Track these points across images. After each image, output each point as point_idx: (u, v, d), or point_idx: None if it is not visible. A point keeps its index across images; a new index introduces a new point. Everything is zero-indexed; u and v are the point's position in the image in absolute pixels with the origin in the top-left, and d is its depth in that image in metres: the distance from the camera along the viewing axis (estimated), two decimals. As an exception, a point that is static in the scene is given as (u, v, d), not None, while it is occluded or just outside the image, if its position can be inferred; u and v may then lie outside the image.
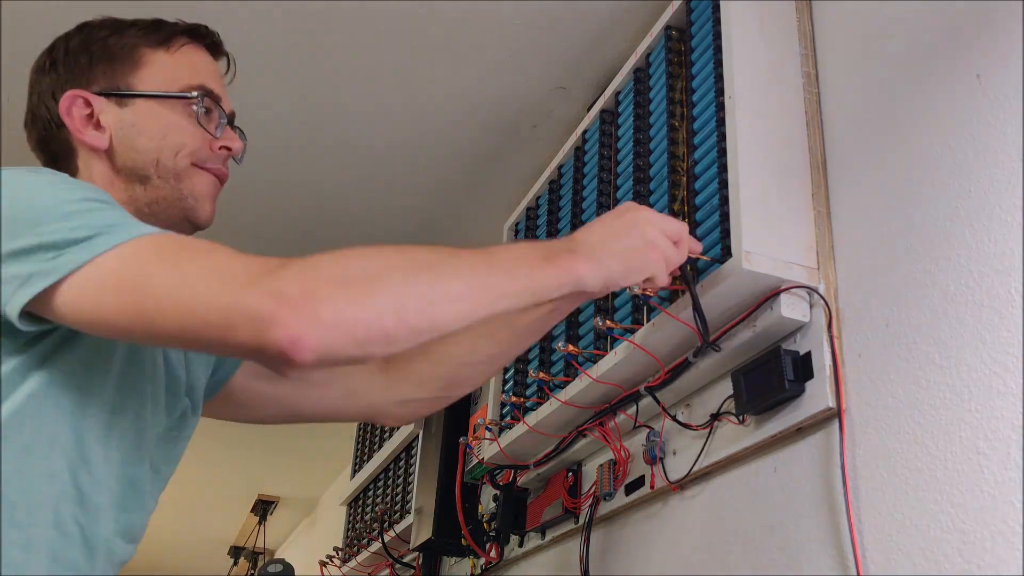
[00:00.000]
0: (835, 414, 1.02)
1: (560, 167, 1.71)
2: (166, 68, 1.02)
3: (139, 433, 0.96)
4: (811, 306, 1.08)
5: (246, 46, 1.68)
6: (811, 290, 1.07)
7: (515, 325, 1.12)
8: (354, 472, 2.86)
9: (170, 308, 0.77)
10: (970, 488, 0.85)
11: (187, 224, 1.04)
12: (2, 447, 0.83)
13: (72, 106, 0.99)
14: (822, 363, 1.04)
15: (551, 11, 1.56)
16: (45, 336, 0.87)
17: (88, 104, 1.00)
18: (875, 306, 1.02)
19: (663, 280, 0.98)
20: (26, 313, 0.81)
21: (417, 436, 2.25)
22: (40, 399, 0.86)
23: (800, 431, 1.07)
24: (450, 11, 1.58)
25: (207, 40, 1.07)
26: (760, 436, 1.10)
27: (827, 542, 0.99)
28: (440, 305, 0.82)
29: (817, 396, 1.03)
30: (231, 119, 1.08)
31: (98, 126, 1.00)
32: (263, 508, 4.65)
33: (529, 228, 1.79)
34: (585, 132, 1.61)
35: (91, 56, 1.01)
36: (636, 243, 0.94)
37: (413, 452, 2.30)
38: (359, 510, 2.73)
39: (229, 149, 1.05)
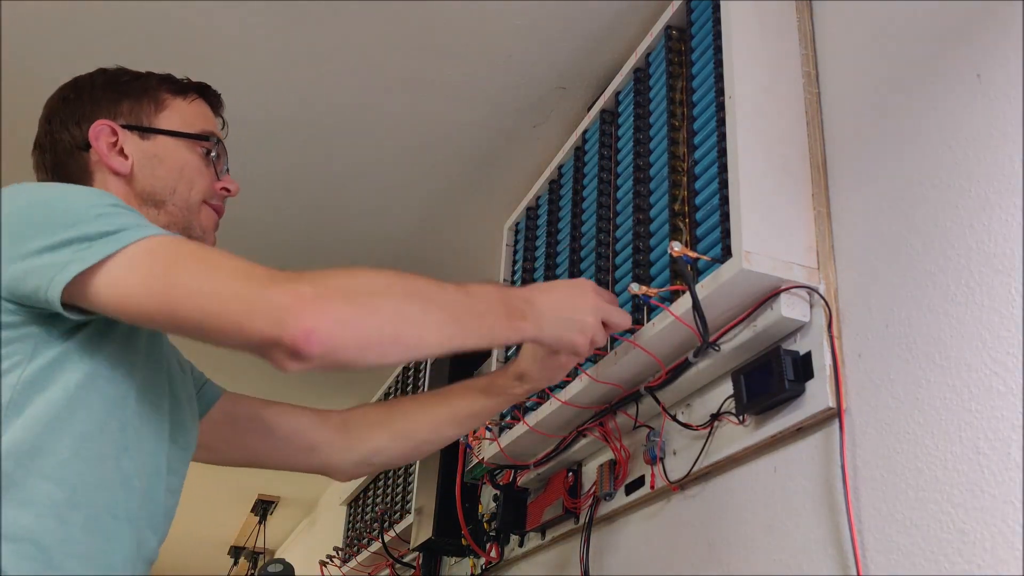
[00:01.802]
0: (835, 414, 1.02)
1: (560, 167, 1.71)
2: (184, 113, 1.15)
3: (161, 424, 1.03)
4: (811, 306, 1.08)
5: (246, 46, 1.69)
6: (811, 290, 1.07)
7: (465, 417, 1.32)
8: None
9: (196, 296, 0.86)
10: (970, 488, 0.85)
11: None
12: (62, 433, 0.90)
13: (100, 133, 1.10)
14: (822, 363, 1.04)
15: (551, 11, 1.56)
16: (84, 327, 0.94)
17: (114, 133, 1.11)
18: (875, 306, 1.02)
19: (583, 357, 1.19)
20: (64, 303, 0.88)
21: (417, 436, 2.25)
22: (88, 388, 0.93)
23: (800, 431, 1.07)
24: (450, 11, 1.58)
25: (214, 99, 1.21)
26: (760, 436, 1.11)
27: (827, 542, 0.99)
28: (428, 328, 0.95)
29: (817, 396, 1.03)
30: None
31: (121, 153, 1.10)
32: (263, 508, 4.64)
33: (529, 228, 1.79)
34: (585, 132, 1.61)
35: (118, 92, 1.13)
36: (575, 325, 1.11)
37: (413, 452, 2.30)
38: (359, 510, 2.73)
39: (228, 190, 1.18)
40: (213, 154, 1.15)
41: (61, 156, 1.11)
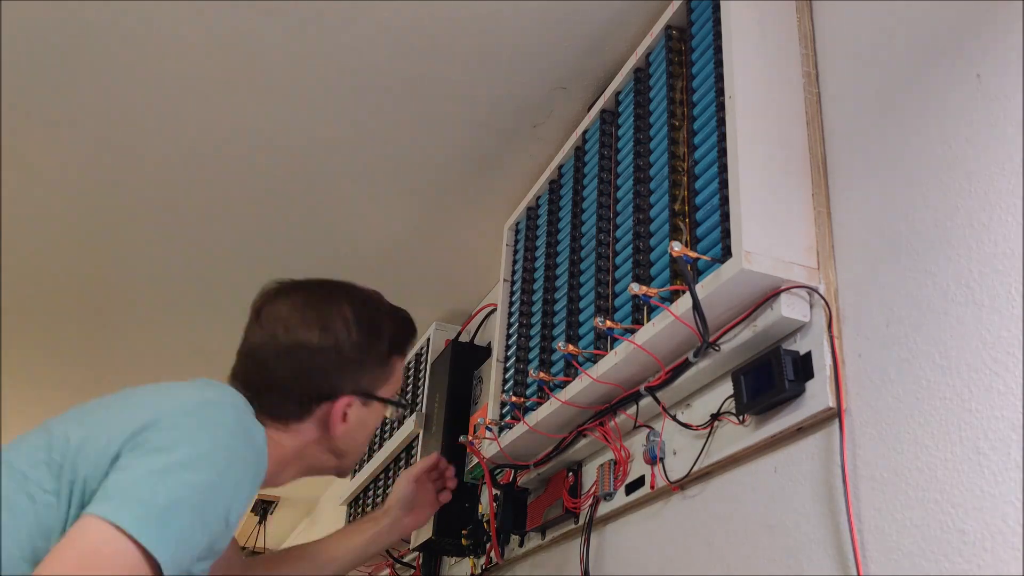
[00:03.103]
0: (835, 414, 1.02)
1: (560, 167, 1.71)
2: (396, 375, 1.24)
3: None
4: (811, 306, 1.08)
5: (246, 47, 1.68)
6: (811, 290, 1.07)
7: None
8: (354, 472, 2.86)
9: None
10: (970, 488, 0.85)
11: (332, 473, 1.26)
12: None
13: (343, 406, 1.17)
14: (822, 363, 1.04)
15: (551, 11, 1.56)
16: None
17: (350, 405, 1.18)
18: (875, 306, 1.02)
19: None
20: None
21: (418, 436, 2.25)
22: None
23: (800, 431, 1.07)
24: (450, 11, 1.58)
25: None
26: (760, 436, 1.10)
27: (827, 542, 0.99)
28: None
29: (817, 396, 1.03)
30: None
31: (345, 418, 1.17)
32: (263, 508, 4.64)
33: (529, 228, 1.79)
34: (585, 132, 1.61)
35: (366, 361, 1.18)
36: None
37: (413, 452, 2.30)
38: (359, 510, 2.73)
39: None
40: (393, 416, 1.26)
41: (292, 393, 1.14)
